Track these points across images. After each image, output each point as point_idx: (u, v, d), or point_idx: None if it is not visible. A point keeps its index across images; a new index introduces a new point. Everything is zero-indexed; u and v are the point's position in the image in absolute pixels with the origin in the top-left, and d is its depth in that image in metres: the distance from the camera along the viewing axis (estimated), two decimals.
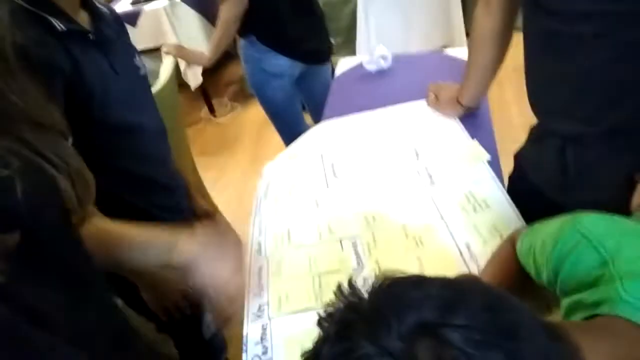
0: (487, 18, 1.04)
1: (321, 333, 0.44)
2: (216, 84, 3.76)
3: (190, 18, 3.06)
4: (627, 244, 0.52)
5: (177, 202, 1.20)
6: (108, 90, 0.94)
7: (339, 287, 0.44)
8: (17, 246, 0.45)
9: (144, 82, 1.11)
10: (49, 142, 0.55)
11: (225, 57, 3.53)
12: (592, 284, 0.50)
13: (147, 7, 2.90)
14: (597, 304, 0.48)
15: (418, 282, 0.40)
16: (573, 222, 0.57)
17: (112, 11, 1.05)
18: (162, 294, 1.11)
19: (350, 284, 0.44)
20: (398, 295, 0.39)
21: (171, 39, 2.92)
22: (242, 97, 3.61)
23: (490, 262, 0.83)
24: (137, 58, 1.08)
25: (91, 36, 0.92)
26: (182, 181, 1.24)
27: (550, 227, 0.61)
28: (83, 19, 0.94)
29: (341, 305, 0.43)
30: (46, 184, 0.54)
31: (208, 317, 1.35)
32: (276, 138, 3.04)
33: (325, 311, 0.45)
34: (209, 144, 3.25)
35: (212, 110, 3.51)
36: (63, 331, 0.50)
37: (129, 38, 1.10)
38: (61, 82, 0.85)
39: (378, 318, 0.38)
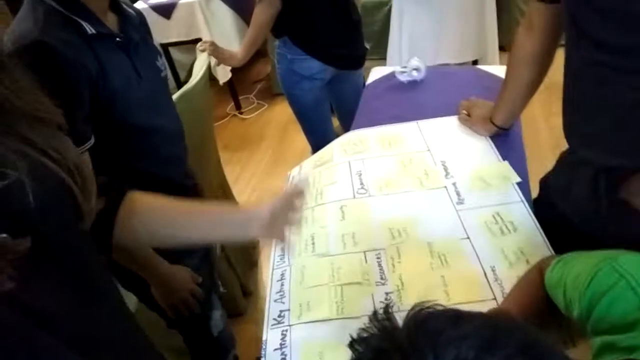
0: (529, 40, 1.03)
1: (353, 356, 0.44)
2: (244, 80, 3.79)
3: (224, 14, 3.08)
4: None
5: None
6: (131, 92, 0.96)
7: (375, 313, 0.44)
8: (28, 250, 0.44)
9: (165, 84, 1.14)
10: (48, 138, 0.54)
11: (254, 55, 3.56)
12: (628, 327, 0.50)
13: (182, 0, 2.93)
14: (632, 348, 0.47)
15: (456, 319, 0.40)
16: (611, 261, 0.56)
17: (139, 13, 1.07)
18: (170, 291, 1.13)
19: (387, 311, 0.44)
20: (436, 331, 0.39)
21: (204, 34, 2.95)
22: (268, 95, 3.63)
23: (516, 288, 0.82)
24: (160, 60, 1.10)
25: (118, 39, 0.95)
26: (194, 180, 1.27)
27: (584, 262, 0.61)
28: (111, 21, 0.97)
29: (375, 331, 0.43)
30: (54, 184, 0.53)
31: (216, 314, 1.37)
32: (299, 139, 3.05)
33: (358, 335, 0.45)
34: (233, 139, 3.28)
35: (238, 106, 3.54)
36: (72, 336, 0.50)
37: (152, 40, 1.13)
38: (87, 83, 0.87)
39: (415, 353, 0.38)
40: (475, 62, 2.72)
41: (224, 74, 3.14)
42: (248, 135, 3.33)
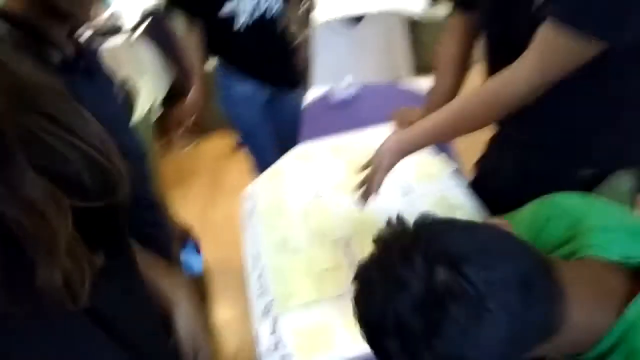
0: (450, 44, 1.20)
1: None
2: (172, 117, 3.80)
3: (149, 54, 3.13)
4: (595, 209, 0.66)
5: (161, 218, 1.28)
6: (96, 114, 1.03)
7: (390, 219, 0.59)
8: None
9: (124, 105, 1.21)
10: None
11: (182, 92, 3.59)
12: (565, 241, 0.64)
13: (106, 42, 2.95)
14: (572, 253, 0.61)
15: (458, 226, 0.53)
16: (550, 199, 0.72)
17: (92, 44, 1.15)
18: None
19: (398, 217, 0.58)
20: (436, 230, 0.51)
21: (128, 73, 2.97)
22: (198, 130, 3.67)
23: None
24: (115, 83, 1.18)
25: (81, 65, 1.02)
26: (161, 199, 1.32)
27: (528, 209, 0.76)
28: (70, 50, 1.04)
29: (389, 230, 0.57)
30: (107, 179, 0.53)
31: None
32: (235, 170, 3.12)
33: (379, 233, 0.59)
34: (167, 177, 3.27)
35: (168, 143, 3.54)
36: (122, 334, 0.51)
37: (106, 67, 1.21)
38: None
39: (414, 242, 0.51)
40: None
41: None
42: (181, 171, 3.34)
